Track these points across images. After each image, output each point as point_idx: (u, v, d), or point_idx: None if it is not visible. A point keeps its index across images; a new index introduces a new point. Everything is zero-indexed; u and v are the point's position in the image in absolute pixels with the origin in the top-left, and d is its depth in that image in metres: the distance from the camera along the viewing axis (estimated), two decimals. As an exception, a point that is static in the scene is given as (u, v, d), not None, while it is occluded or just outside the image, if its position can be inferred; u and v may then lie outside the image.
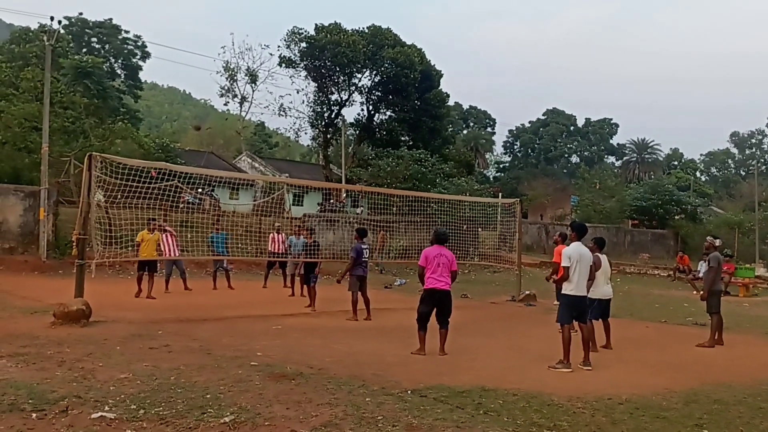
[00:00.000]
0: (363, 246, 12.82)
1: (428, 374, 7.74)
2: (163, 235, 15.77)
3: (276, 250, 17.96)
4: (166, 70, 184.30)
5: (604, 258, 10.56)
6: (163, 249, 15.63)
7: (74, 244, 10.62)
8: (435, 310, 9.40)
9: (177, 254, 16.11)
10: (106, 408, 5.82)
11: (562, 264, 8.78)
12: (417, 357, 8.98)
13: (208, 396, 6.28)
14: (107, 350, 8.27)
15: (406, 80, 40.66)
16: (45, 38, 21.13)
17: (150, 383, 6.70)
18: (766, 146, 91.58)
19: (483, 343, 10.57)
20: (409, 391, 6.79)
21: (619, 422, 6.07)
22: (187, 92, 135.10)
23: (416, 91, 42.24)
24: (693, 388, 7.65)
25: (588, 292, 9.05)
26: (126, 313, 11.83)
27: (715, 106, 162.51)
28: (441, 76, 44.38)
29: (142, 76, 63.18)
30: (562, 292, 8.87)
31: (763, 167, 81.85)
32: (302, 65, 41.73)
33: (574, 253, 8.72)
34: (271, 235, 18.29)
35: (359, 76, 42.60)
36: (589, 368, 8.54)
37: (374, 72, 42.18)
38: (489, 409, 6.28)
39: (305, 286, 14.89)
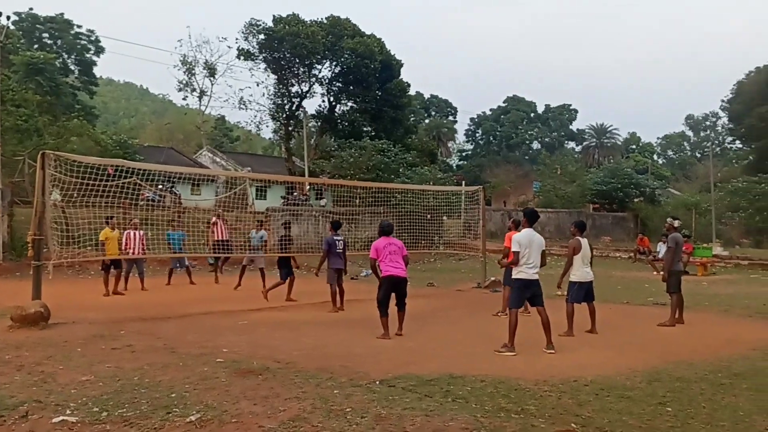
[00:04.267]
0: (336, 238, 12.98)
1: (396, 364, 7.74)
2: (130, 233, 15.48)
3: (221, 238, 17.77)
4: (122, 66, 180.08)
5: (584, 241, 10.64)
6: (126, 246, 15.34)
7: (30, 245, 10.33)
8: (393, 294, 9.95)
9: (139, 253, 15.83)
10: (68, 411, 5.69)
11: (512, 249, 8.93)
12: (385, 347, 8.99)
13: (173, 395, 6.18)
14: (67, 352, 8.09)
15: (366, 70, 40.55)
16: (-6, 36, 20.49)
17: (113, 384, 6.57)
18: (720, 128, 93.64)
19: (450, 331, 10.63)
20: (377, 382, 6.78)
21: (584, 404, 6.15)
22: (145, 87, 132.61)
23: (377, 81, 42.16)
24: (655, 367, 7.78)
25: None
26: (87, 313, 11.60)
27: (671, 90, 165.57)
28: (401, 65, 44.39)
29: (97, 71, 61.79)
30: (513, 276, 9.00)
31: (718, 149, 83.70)
32: (261, 57, 41.27)
33: (524, 239, 8.85)
34: (213, 220, 18.01)
35: (319, 67, 42.39)
36: (552, 351, 8.64)
37: (334, 63, 41.97)
38: (457, 396, 6.30)
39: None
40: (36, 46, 53.25)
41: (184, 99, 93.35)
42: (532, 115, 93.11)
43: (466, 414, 5.62)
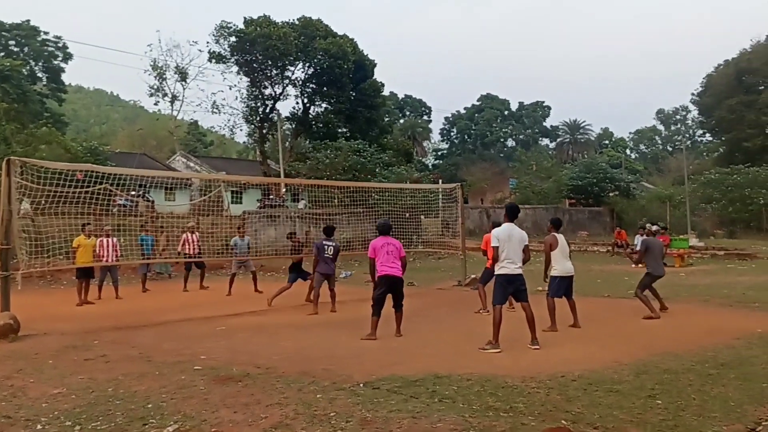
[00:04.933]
0: (326, 243, 12.97)
1: (380, 365, 7.57)
2: (103, 240, 15.13)
3: (190, 252, 17.50)
4: (91, 72, 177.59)
5: (560, 236, 10.58)
6: (100, 254, 14.98)
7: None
8: (390, 295, 9.80)
9: (113, 261, 15.47)
10: (39, 427, 5.46)
11: (491, 244, 8.86)
12: (368, 347, 8.81)
13: (150, 406, 5.95)
14: (39, 365, 7.79)
15: (339, 71, 40.27)
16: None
17: (86, 397, 6.32)
18: (690, 122, 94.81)
19: (433, 330, 10.47)
20: (361, 384, 6.60)
21: (574, 399, 6.02)
22: (115, 94, 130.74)
23: (351, 81, 41.93)
24: (642, 360, 7.70)
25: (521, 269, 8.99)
26: (59, 324, 11.25)
27: (641, 85, 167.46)
28: (375, 65, 44.19)
29: (66, 78, 60.70)
30: (495, 272, 8.87)
31: (689, 142, 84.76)
32: (233, 60, 40.77)
33: (503, 234, 8.74)
34: (184, 236, 17.67)
35: (292, 69, 41.94)
36: (537, 347, 8.52)
37: (307, 64, 41.61)
38: (444, 396, 6.15)
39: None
40: (2, 53, 52.21)
41: (155, 104, 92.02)
42: (506, 113, 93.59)
43: (453, 414, 5.47)
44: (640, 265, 15.53)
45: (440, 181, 40.92)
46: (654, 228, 12.25)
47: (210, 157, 56.92)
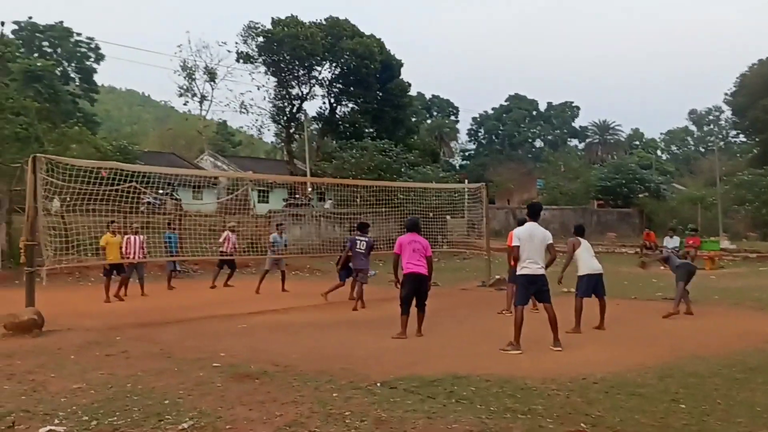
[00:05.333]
0: (359, 238, 13.28)
1: (398, 365, 7.50)
2: (131, 238, 15.35)
3: (227, 250, 17.79)
4: (123, 73, 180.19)
5: (584, 241, 10.50)
6: (126, 251, 15.19)
7: (23, 251, 10.12)
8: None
9: (140, 258, 15.64)
10: (56, 421, 5.46)
11: (512, 244, 8.74)
12: (388, 347, 8.76)
13: (167, 402, 5.95)
14: (60, 360, 7.86)
15: (366, 71, 40.32)
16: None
17: (104, 392, 6.34)
18: (723, 122, 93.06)
19: (454, 330, 10.39)
20: (378, 384, 6.54)
21: (594, 402, 5.90)
22: (147, 94, 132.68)
23: (377, 81, 41.95)
24: (667, 363, 7.53)
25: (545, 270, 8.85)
26: (84, 320, 11.36)
27: (673, 85, 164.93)
28: (401, 65, 44.17)
29: (99, 80, 61.66)
30: (517, 272, 8.75)
31: (722, 143, 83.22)
32: (260, 60, 41.05)
33: (524, 233, 8.62)
34: (226, 234, 17.97)
35: (319, 69, 42.13)
36: (560, 349, 8.39)
37: (334, 64, 41.75)
38: (461, 397, 6.06)
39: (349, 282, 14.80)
40: (36, 54, 53.11)
41: (185, 104, 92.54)
42: (534, 113, 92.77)
43: (470, 416, 5.38)
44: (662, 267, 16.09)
45: (466, 181, 40.68)
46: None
47: (237, 157, 57.32)
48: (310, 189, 34.30)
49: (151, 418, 5.48)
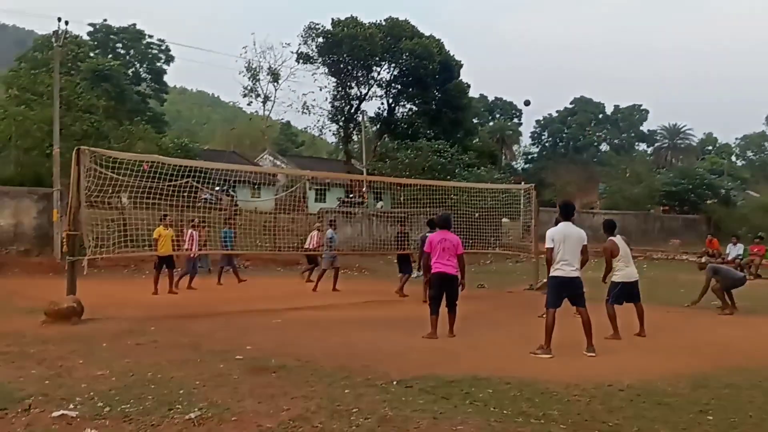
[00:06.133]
0: (429, 234, 12.96)
1: (422, 364, 7.37)
2: (193, 233, 15.93)
3: (312, 246, 18.05)
4: (194, 75, 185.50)
5: (619, 239, 9.99)
6: (188, 246, 15.76)
7: (65, 241, 10.45)
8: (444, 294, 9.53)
9: (197, 252, 16.08)
10: (71, 406, 5.56)
11: (546, 245, 8.41)
12: (415, 346, 8.63)
13: (181, 391, 6.00)
14: (92, 347, 8.05)
15: (425, 72, 40.14)
16: (53, 40, 21.16)
17: (125, 379, 6.44)
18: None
19: (489, 332, 10.17)
20: (394, 382, 6.43)
21: (615, 410, 5.63)
22: (216, 95, 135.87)
23: (436, 82, 41.69)
24: (704, 373, 7.15)
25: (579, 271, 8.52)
26: (127, 310, 11.64)
27: (750, 88, 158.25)
28: (461, 66, 43.75)
29: (171, 81, 63.46)
30: (550, 274, 8.44)
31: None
32: (320, 60, 41.43)
33: (558, 234, 8.31)
34: (313, 233, 18.21)
35: (378, 69, 42.16)
36: (593, 354, 8.07)
37: (393, 65, 41.72)
38: (477, 399, 5.89)
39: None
40: (110, 55, 55.06)
41: (249, 104, 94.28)
42: (600, 116, 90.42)
43: (478, 418, 5.21)
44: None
45: (522, 183, 40.02)
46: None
47: (298, 156, 58.09)
48: (365, 189, 34.38)
49: (162, 407, 5.52)
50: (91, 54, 45.02)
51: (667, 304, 14.16)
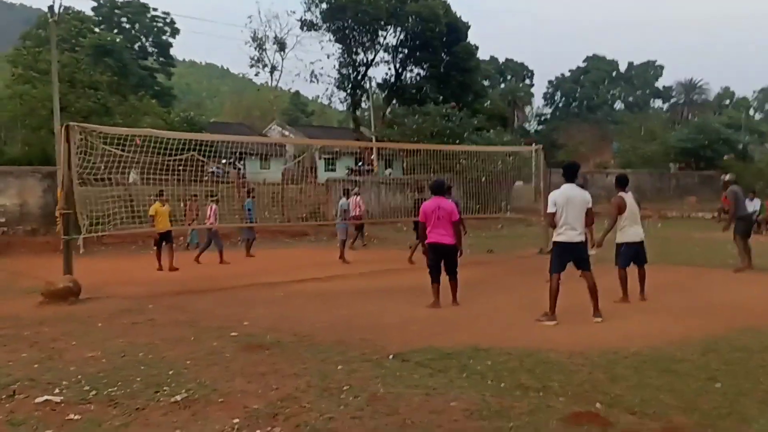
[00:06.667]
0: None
1: (422, 336, 7.16)
2: (213, 207, 16.07)
3: (357, 214, 18.43)
4: (203, 47, 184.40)
5: (629, 197, 9.57)
6: (210, 221, 15.94)
7: (58, 219, 10.28)
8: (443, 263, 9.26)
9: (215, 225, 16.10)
10: (57, 390, 5.41)
11: (548, 210, 8.06)
12: (418, 317, 8.41)
13: (171, 372, 5.84)
14: (88, 328, 7.91)
15: (431, 35, 39.41)
16: (49, 15, 20.85)
17: (116, 361, 6.29)
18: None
19: (496, 299, 9.92)
20: (391, 356, 6.22)
21: (619, 379, 5.39)
22: (225, 67, 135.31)
23: (443, 45, 40.96)
24: (715, 336, 6.88)
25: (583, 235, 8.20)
26: (129, 288, 11.51)
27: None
28: (468, 28, 42.90)
29: (180, 54, 62.99)
30: (553, 239, 8.14)
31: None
32: (324, 27, 40.79)
33: (560, 197, 7.95)
34: (352, 199, 18.35)
35: (384, 34, 41.45)
36: (600, 319, 7.81)
37: (398, 29, 40.99)
38: (474, 371, 5.67)
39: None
40: (115, 30, 54.60)
41: (256, 75, 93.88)
42: (614, 74, 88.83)
43: (473, 392, 5.00)
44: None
45: (533, 145, 39.44)
46: (728, 176, 13.86)
47: (307, 126, 57.68)
48: (373, 156, 34.03)
49: (149, 389, 5.37)
50: (96, 30, 44.71)
51: (681, 263, 13.88)
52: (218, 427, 4.50)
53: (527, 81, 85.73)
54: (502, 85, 78.72)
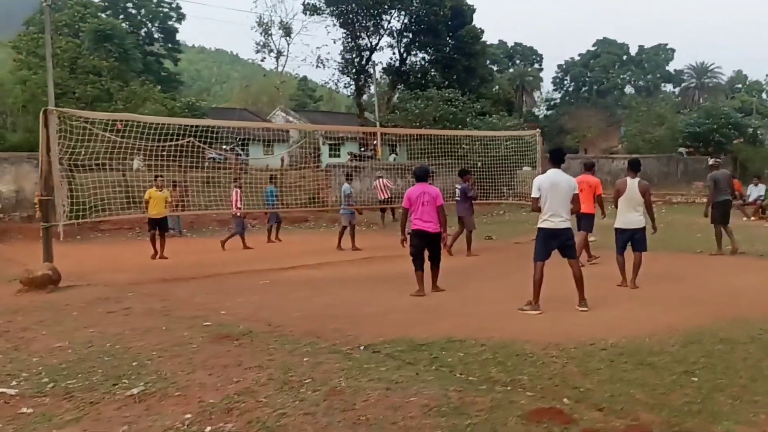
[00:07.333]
0: (457, 186, 14.23)
1: (398, 326, 6.96)
2: (238, 192, 15.99)
3: (384, 197, 19.20)
4: (212, 33, 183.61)
5: (632, 183, 9.29)
6: (236, 206, 15.88)
7: (38, 206, 10.15)
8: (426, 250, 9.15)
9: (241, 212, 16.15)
10: (14, 383, 5.29)
11: (532, 195, 7.79)
12: (399, 306, 8.22)
13: (134, 364, 5.69)
14: (62, 317, 7.77)
15: (436, 18, 38.89)
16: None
17: (81, 352, 6.15)
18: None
19: (485, 287, 9.73)
20: (361, 347, 6.04)
21: (591, 373, 5.17)
22: (235, 53, 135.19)
23: (448, 29, 40.44)
24: (701, 326, 6.63)
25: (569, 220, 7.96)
26: (116, 275, 11.39)
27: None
28: (473, 11, 42.28)
29: (189, 40, 62.95)
30: (537, 225, 7.90)
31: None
32: (328, 11, 40.34)
33: (544, 182, 7.69)
34: (376, 182, 19.26)
35: (387, 18, 40.92)
36: (585, 309, 7.58)
37: (402, 12, 40.45)
38: (444, 363, 5.48)
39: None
40: (122, 16, 54.33)
41: (262, 60, 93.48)
42: (624, 57, 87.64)
43: (436, 386, 4.80)
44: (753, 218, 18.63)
45: (538, 130, 39.02)
46: (711, 161, 14.66)
47: (312, 111, 57.38)
48: (376, 142, 33.72)
49: (108, 382, 5.23)
50: (102, 15, 44.49)
51: (681, 250, 13.62)
52: (168, 423, 4.34)
53: (536, 65, 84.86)
54: (511, 70, 77.90)
